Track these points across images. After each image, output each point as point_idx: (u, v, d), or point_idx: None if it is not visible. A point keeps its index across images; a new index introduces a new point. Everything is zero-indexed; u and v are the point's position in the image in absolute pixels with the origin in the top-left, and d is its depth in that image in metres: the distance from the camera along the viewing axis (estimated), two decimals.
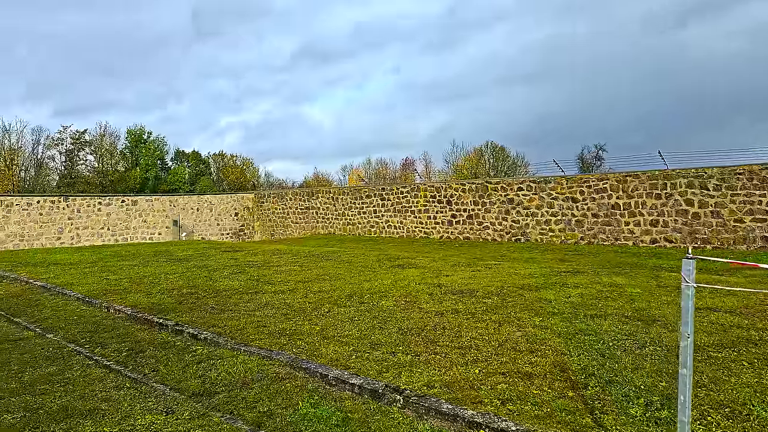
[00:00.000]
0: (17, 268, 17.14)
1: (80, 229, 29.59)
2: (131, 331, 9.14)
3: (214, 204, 34.99)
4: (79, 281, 13.97)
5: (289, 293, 11.34)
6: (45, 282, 14.04)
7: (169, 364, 7.21)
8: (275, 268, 15.09)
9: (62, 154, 72.06)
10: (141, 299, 11.19)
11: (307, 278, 13.13)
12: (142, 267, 16.27)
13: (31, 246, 27.70)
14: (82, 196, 30.45)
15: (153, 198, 32.77)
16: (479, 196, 25.22)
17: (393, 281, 12.27)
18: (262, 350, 7.25)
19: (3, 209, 27.13)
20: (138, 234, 31.61)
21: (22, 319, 10.64)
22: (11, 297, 12.89)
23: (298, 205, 34.27)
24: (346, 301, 10.36)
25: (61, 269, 16.44)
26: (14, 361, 7.90)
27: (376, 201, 29.71)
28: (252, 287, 12.16)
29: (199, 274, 14.29)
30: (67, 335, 9.17)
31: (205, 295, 11.45)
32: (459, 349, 7.03)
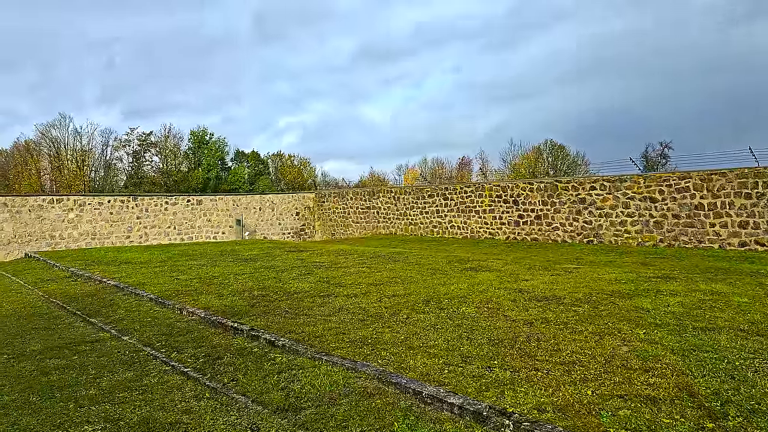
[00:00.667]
0: (90, 267, 17.43)
1: (148, 228, 30.28)
2: (206, 335, 8.88)
3: (275, 203, 35.19)
4: (151, 281, 13.97)
5: (362, 297, 10.89)
6: (118, 281, 14.11)
7: (248, 373, 6.85)
8: (344, 269, 14.70)
9: (129, 155, 74.49)
10: (213, 301, 10.98)
11: (378, 281, 12.66)
12: (210, 267, 16.21)
13: (102, 244, 28.48)
14: (149, 196, 31.12)
15: (217, 197, 33.23)
16: (548, 195, 24.20)
17: (469, 285, 11.64)
18: (346, 361, 6.78)
19: (76, 208, 28.01)
20: (203, 233, 32.12)
21: (97, 319, 10.60)
22: (86, 296, 12.98)
23: (358, 204, 34.03)
24: (423, 306, 9.81)
25: (133, 268, 16.59)
26: (91, 365, 7.73)
27: (438, 201, 29.08)
28: (323, 290, 11.78)
29: (267, 275, 14.05)
30: (142, 338, 9.00)
31: (276, 297, 11.14)
32: (561, 365, 6.37)
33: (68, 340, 9.20)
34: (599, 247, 21.53)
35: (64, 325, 10.42)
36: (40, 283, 15.52)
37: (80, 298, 12.84)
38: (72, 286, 14.49)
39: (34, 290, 14.58)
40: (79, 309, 11.62)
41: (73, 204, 28.16)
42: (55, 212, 27.56)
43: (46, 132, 69.28)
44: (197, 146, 75.89)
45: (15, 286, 15.61)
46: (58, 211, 27.66)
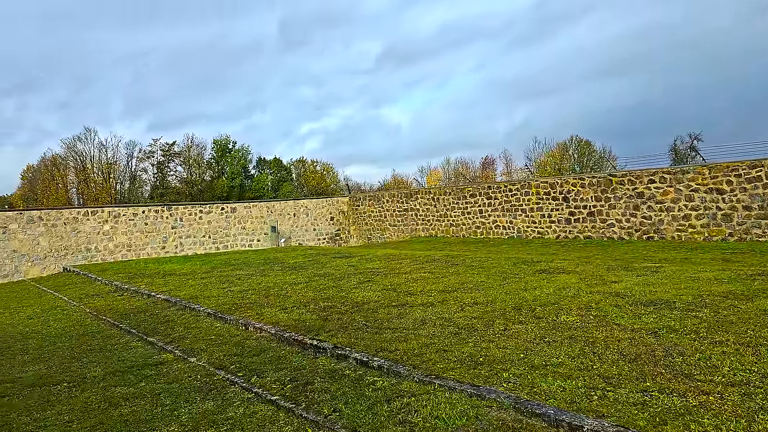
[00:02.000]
0: (134, 280, 16.70)
1: (183, 238, 29.68)
2: (282, 354, 7.96)
3: (310, 209, 34.39)
4: (203, 293, 13.14)
5: (440, 306, 9.89)
6: (168, 295, 13.30)
7: (350, 402, 5.88)
8: (404, 275, 13.71)
9: (154, 166, 74.53)
10: (279, 315, 10.06)
11: (448, 287, 11.65)
12: (260, 277, 15.34)
13: (138, 256, 27.92)
14: (183, 205, 30.51)
15: (251, 204, 32.52)
16: (602, 190, 22.99)
17: (555, 290, 10.56)
18: (465, 385, 5.78)
19: (111, 220, 27.50)
20: (237, 241, 31.45)
21: (155, 338, 9.75)
22: (138, 312, 12.17)
23: (395, 207, 33.06)
24: (516, 315, 8.78)
25: (179, 280, 15.80)
26: (164, 393, 6.84)
27: (482, 200, 27.98)
28: (393, 299, 10.80)
29: (325, 285, 13.13)
30: (211, 359, 8.10)
31: (346, 309, 10.19)
32: (731, 386, 5.29)
33: (130, 363, 8.35)
34: (662, 244, 20.25)
35: (121, 346, 9.60)
36: (85, 299, 14.80)
37: (132, 314, 12.04)
38: (120, 302, 13.73)
39: (79, 306, 13.85)
40: (133, 326, 10.80)
41: (107, 216, 27.64)
42: (90, 224, 27.05)
43: (72, 146, 69.56)
44: (220, 155, 75.74)
45: (59, 302, 14.91)
46: (93, 223, 27.14)
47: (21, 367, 8.59)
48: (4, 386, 7.56)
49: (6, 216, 25.24)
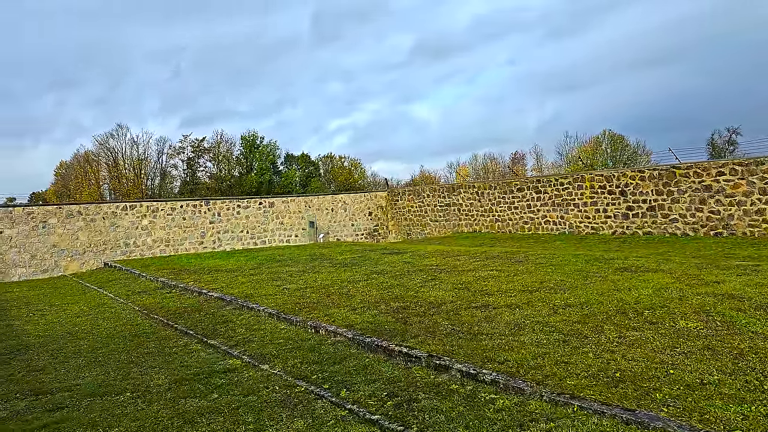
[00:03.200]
0: (180, 276, 16.00)
1: (221, 233, 29.10)
2: (367, 362, 7.04)
3: (348, 204, 33.57)
4: (257, 292, 12.33)
5: (528, 308, 8.88)
6: (220, 293, 12.53)
7: (472, 427, 4.94)
8: (470, 273, 12.72)
9: (183, 162, 74.60)
10: (350, 316, 9.16)
11: (527, 287, 10.63)
12: (312, 274, 14.50)
13: (176, 251, 27.41)
14: (221, 200, 29.90)
15: (289, 199, 31.80)
16: (663, 184, 21.67)
17: (653, 291, 9.48)
18: (614, 408, 4.79)
19: (149, 215, 27.02)
20: (275, 237, 30.77)
21: (217, 340, 8.93)
22: (192, 311, 11.40)
23: (436, 202, 32.03)
24: (623, 319, 7.74)
25: (227, 277, 15.04)
26: (242, 408, 5.98)
27: (529, 194, 26.80)
28: (470, 299, 9.83)
29: (388, 283, 12.21)
30: (286, 367, 7.23)
31: (423, 310, 9.24)
32: None
33: (195, 370, 7.53)
34: (734, 240, 18.89)
35: (180, 349, 8.80)
36: (132, 296, 14.12)
37: (185, 313, 11.27)
38: (169, 299, 13.00)
39: (127, 304, 13.16)
40: (190, 327, 10.01)
41: (146, 210, 27.14)
42: (129, 219, 26.58)
43: (104, 142, 69.94)
44: (249, 151, 75.51)
45: (105, 299, 14.27)
46: (132, 218, 26.67)
47: (76, 372, 7.83)
48: (62, 396, 6.80)
49: (46, 210, 24.88)
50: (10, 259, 23.48)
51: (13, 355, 9.08)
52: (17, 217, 23.91)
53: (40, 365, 8.30)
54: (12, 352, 9.22)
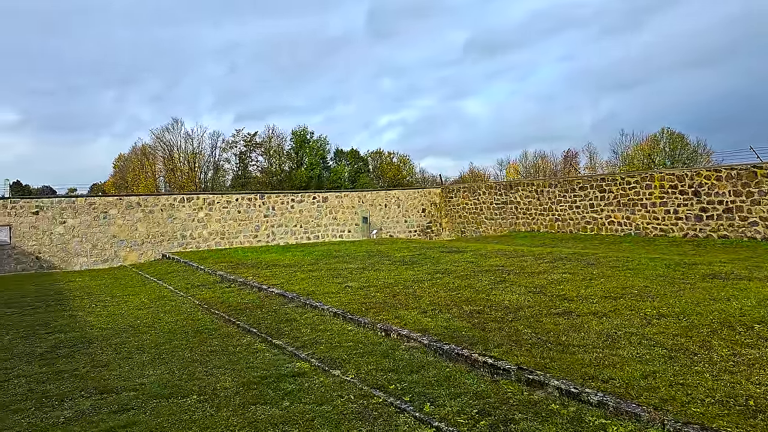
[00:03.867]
0: (238, 270, 15.80)
1: (275, 227, 29.06)
2: (448, 372, 6.47)
3: (401, 200, 33.06)
4: (318, 289, 11.92)
5: (616, 317, 8.14)
6: (281, 289, 12.18)
7: None
8: (542, 276, 11.98)
9: (236, 156, 75.60)
10: (421, 320, 8.61)
11: (609, 293, 9.84)
12: (372, 271, 14.02)
13: (230, 244, 27.49)
14: (276, 193, 29.84)
15: (342, 194, 31.53)
16: (743, 184, 20.28)
17: (757, 303, 8.56)
18: None
19: (206, 207, 27.17)
20: (328, 232, 30.55)
21: (282, 341, 8.53)
22: (252, 307, 11.08)
23: (492, 199, 31.15)
24: (733, 334, 6.92)
25: (286, 272, 14.72)
26: (318, 419, 5.50)
27: (592, 193, 25.66)
28: (549, 304, 9.13)
29: (453, 283, 11.60)
30: (360, 374, 6.73)
31: (499, 315, 8.60)
32: None
33: (262, 373, 7.12)
34: None
35: (244, 348, 8.44)
36: (191, 289, 13.97)
37: (246, 309, 10.95)
38: (229, 294, 12.74)
39: (187, 298, 12.98)
40: (253, 325, 9.66)
41: (202, 203, 27.30)
42: (186, 211, 26.78)
43: (161, 136, 71.56)
44: (299, 145, 75.92)
45: (165, 292, 14.15)
46: (189, 210, 26.86)
47: (140, 369, 7.55)
48: (128, 395, 6.49)
49: (107, 201, 25.30)
50: (72, 249, 23.96)
51: (76, 348, 8.91)
52: (80, 208, 24.37)
53: (104, 360, 8.07)
54: (76, 345, 9.06)
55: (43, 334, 9.95)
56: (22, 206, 23.34)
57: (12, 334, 10.11)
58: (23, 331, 10.32)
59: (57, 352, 8.65)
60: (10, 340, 9.65)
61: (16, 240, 22.98)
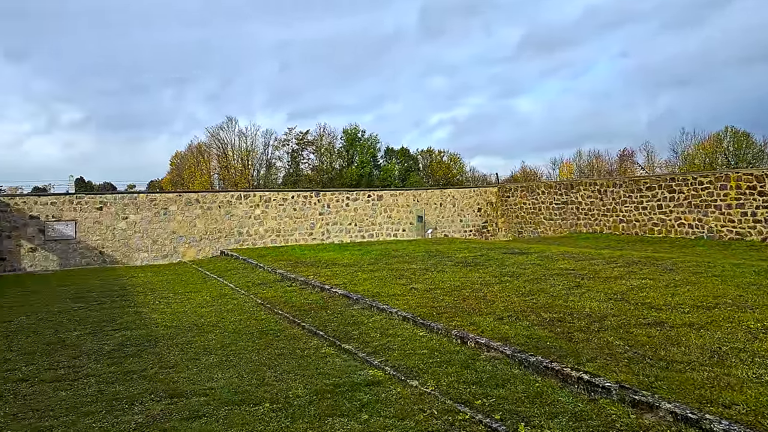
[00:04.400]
0: (297, 269, 15.59)
1: (330, 225, 28.94)
2: (538, 388, 5.94)
3: (457, 199, 32.44)
4: (383, 290, 11.53)
5: (713, 329, 7.41)
6: (344, 289, 11.85)
7: None
8: (619, 281, 11.23)
9: (288, 154, 76.37)
10: (499, 327, 8.09)
11: (698, 301, 9.06)
12: (437, 273, 13.54)
13: (286, 242, 27.50)
14: (331, 191, 29.74)
15: (397, 192, 31.18)
16: None
17: None
18: None
19: (262, 204, 27.28)
20: (383, 230, 30.25)
21: (351, 345, 8.16)
22: (317, 308, 10.78)
23: (552, 199, 30.17)
24: None
25: (347, 272, 14.40)
26: None
27: (661, 194, 24.43)
28: (636, 314, 8.45)
29: (525, 287, 11.00)
30: (440, 385, 6.28)
31: (582, 325, 8.00)
32: None
33: (334, 380, 6.76)
34: None
35: (312, 351, 8.11)
36: (252, 288, 13.82)
37: (311, 310, 10.66)
38: (291, 294, 12.51)
39: (249, 296, 12.81)
40: (319, 327, 9.34)
41: (259, 200, 27.40)
42: (243, 208, 26.92)
43: (215, 134, 72.92)
44: (350, 144, 76.06)
45: (226, 290, 14.06)
46: (245, 207, 26.99)
47: (209, 372, 7.31)
48: (198, 401, 6.23)
49: (167, 198, 25.67)
50: (134, 244, 24.41)
51: (143, 347, 8.78)
52: (141, 204, 24.80)
53: (172, 361, 7.88)
54: (143, 344, 8.94)
55: (110, 331, 9.91)
56: (87, 202, 23.91)
57: (80, 330, 10.11)
58: (90, 327, 10.32)
59: (124, 351, 8.54)
60: (78, 336, 9.64)
61: (81, 234, 23.56)
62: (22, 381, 7.17)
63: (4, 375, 7.46)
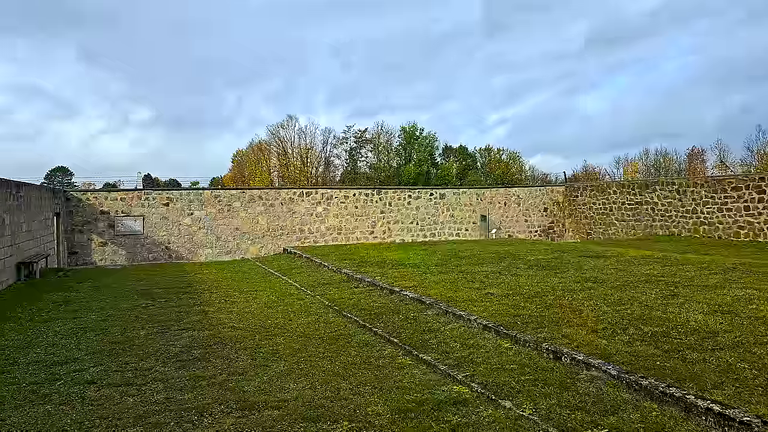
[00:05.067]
0: (363, 269, 15.10)
1: (391, 223, 28.41)
2: (658, 419, 5.15)
3: (522, 198, 31.29)
4: (456, 295, 10.85)
5: None
6: (415, 293, 11.23)
7: None
8: (719, 290, 10.13)
9: (346, 152, 76.46)
10: (594, 341, 7.28)
11: None
12: (511, 276, 12.74)
13: (347, 240, 27.14)
14: (393, 189, 29.22)
15: (460, 191, 30.33)
16: None
17: None
18: None
19: (324, 202, 27.01)
20: (445, 230, 29.46)
21: (430, 356, 7.54)
22: (388, 312, 10.21)
23: (625, 199, 28.60)
24: None
25: (415, 273, 13.80)
26: None
27: (748, 194, 22.65)
28: (752, 330, 7.45)
29: (613, 295, 10.07)
30: (539, 409, 5.57)
31: (692, 341, 7.08)
32: None
33: (415, 396, 6.14)
34: None
35: (387, 361, 7.54)
36: (317, 288, 13.41)
37: (381, 314, 10.10)
38: (359, 295, 12.00)
39: (315, 297, 12.39)
40: (392, 334, 8.75)
41: (320, 197, 27.16)
42: (305, 206, 26.73)
43: (276, 132, 73.78)
44: (407, 142, 75.39)
45: (291, 289, 13.70)
46: (307, 204, 26.80)
47: (280, 381, 6.84)
48: (271, 414, 5.75)
49: (231, 194, 25.76)
50: (198, 240, 24.60)
51: (211, 349, 8.43)
52: (206, 200, 24.97)
53: (240, 367, 7.47)
54: (210, 346, 8.60)
55: (177, 331, 9.64)
56: (154, 198, 24.24)
57: (147, 328, 9.90)
58: (157, 325, 10.10)
59: (192, 353, 8.20)
60: (146, 335, 9.41)
61: (149, 230, 23.90)
62: (90, 384, 6.89)
63: (73, 376, 7.22)
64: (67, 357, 8.09)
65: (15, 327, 10.07)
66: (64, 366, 7.66)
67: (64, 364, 7.76)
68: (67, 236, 22.58)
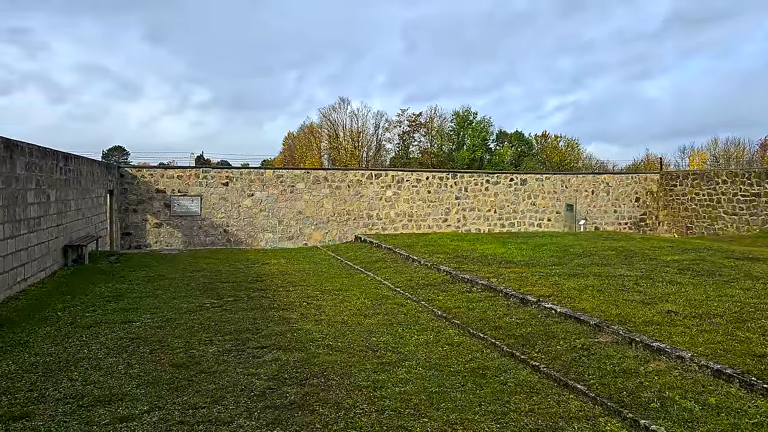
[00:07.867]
0: (464, 266, 12.45)
1: (467, 211, 25.69)
2: None
3: (611, 186, 28.00)
4: (621, 311, 8.08)
5: None
6: (561, 305, 8.51)
7: None
8: None
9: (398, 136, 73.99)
10: None
11: None
12: (670, 285, 9.87)
13: (418, 228, 24.59)
14: (469, 173, 26.45)
15: (543, 177, 27.30)
16: None
17: None
18: None
19: (394, 185, 24.48)
20: (525, 219, 26.55)
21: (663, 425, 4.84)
22: (541, 335, 7.52)
23: (737, 189, 25.03)
24: None
25: (533, 274, 11.05)
26: None
27: None
28: None
29: None
30: None
31: None
32: None
33: None
34: None
35: (584, 423, 4.90)
36: (418, 290, 10.84)
37: (529, 337, 7.43)
38: (478, 304, 9.37)
39: (421, 303, 9.83)
40: (568, 374, 6.10)
41: (391, 180, 24.58)
42: (373, 189, 24.22)
43: (328, 115, 71.96)
44: (461, 126, 72.15)
45: (384, 290, 11.17)
46: (376, 187, 24.28)
47: None
48: None
49: (294, 174, 23.47)
50: (259, 223, 22.44)
51: (308, 383, 5.98)
52: (268, 180, 22.75)
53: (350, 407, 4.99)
54: (306, 380, 6.13)
55: (256, 349, 7.22)
56: (213, 176, 22.17)
57: (217, 343, 7.52)
58: (229, 338, 7.71)
59: (284, 394, 5.72)
60: (216, 354, 7.02)
61: (206, 211, 21.86)
62: None
63: (117, 429, 4.88)
64: (112, 390, 5.76)
65: (51, 333, 7.87)
66: (107, 408, 5.33)
67: (108, 403, 5.43)
68: (120, 216, 20.74)
